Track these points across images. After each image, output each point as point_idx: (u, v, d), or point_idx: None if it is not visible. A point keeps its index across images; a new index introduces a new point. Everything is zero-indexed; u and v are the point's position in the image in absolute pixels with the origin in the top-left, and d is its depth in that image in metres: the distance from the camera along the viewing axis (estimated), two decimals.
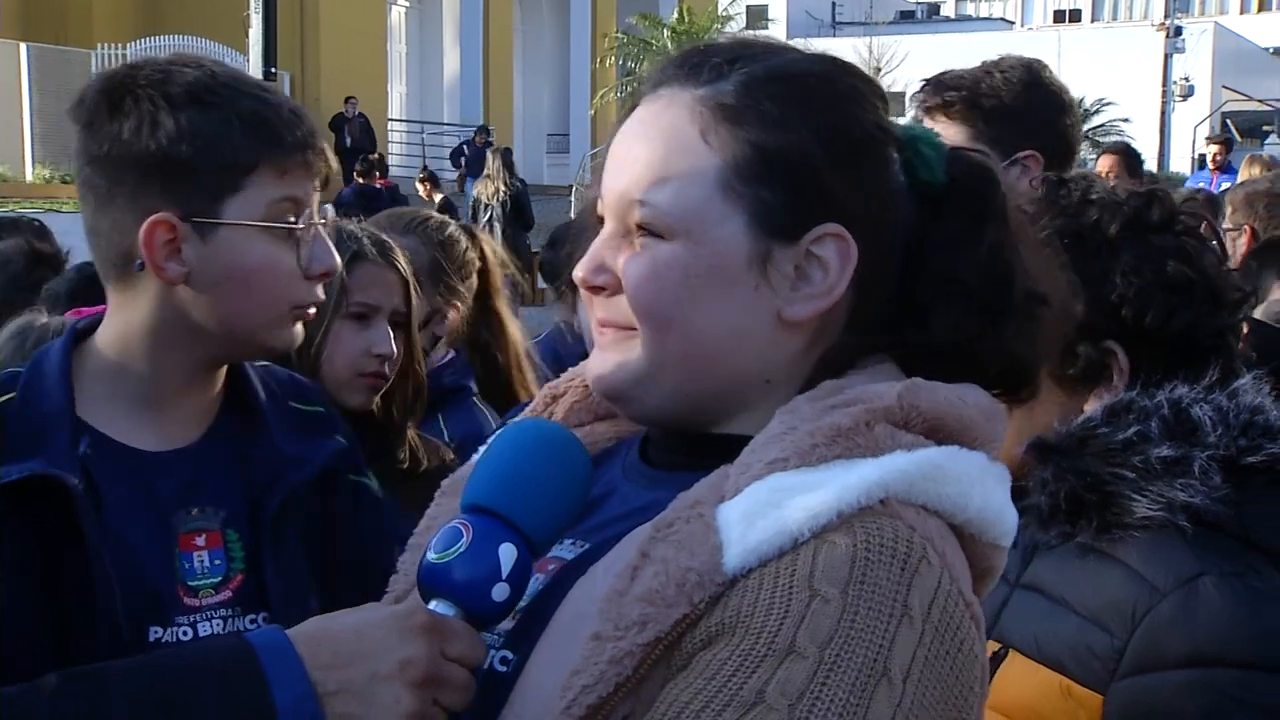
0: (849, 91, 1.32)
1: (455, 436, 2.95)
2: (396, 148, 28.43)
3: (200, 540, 1.75)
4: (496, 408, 3.16)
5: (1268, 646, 1.62)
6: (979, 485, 1.24)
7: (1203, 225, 1.86)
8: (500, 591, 1.21)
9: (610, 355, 1.32)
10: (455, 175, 24.56)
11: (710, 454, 1.27)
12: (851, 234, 1.28)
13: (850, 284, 1.28)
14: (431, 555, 1.22)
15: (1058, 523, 1.73)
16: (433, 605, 1.22)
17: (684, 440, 1.34)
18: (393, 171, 26.40)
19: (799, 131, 1.27)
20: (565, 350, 3.85)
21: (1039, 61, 3.02)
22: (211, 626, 1.72)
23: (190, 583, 1.73)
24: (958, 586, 1.18)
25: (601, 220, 1.34)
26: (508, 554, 1.21)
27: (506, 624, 1.28)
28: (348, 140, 23.79)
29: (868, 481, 1.17)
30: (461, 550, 1.21)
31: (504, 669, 1.25)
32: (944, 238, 1.31)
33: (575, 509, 1.29)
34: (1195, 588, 1.63)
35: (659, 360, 1.28)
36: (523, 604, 1.27)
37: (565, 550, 1.31)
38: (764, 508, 1.16)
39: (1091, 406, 1.79)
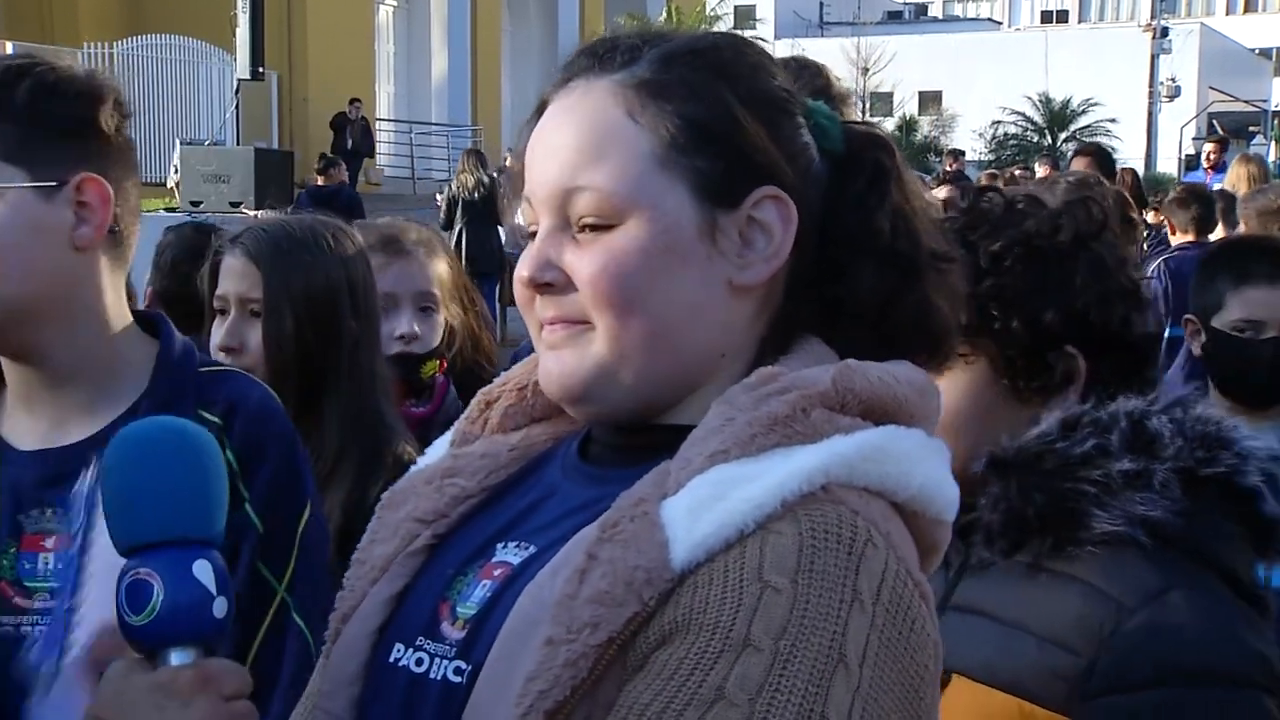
0: (758, 60, 1.34)
1: None
2: (385, 148, 28.38)
3: (48, 542, 1.70)
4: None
5: (1239, 662, 1.62)
6: (920, 463, 1.24)
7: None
8: (220, 607, 1.20)
9: (565, 355, 1.30)
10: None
11: (651, 448, 1.27)
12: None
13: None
14: (134, 619, 1.20)
15: (1006, 540, 1.70)
16: (173, 658, 1.21)
17: (625, 435, 1.33)
18: (381, 172, 26.38)
19: (723, 98, 1.29)
20: None
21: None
22: (37, 631, 1.67)
23: (26, 583, 1.69)
24: (905, 567, 1.18)
25: (530, 224, 1.33)
26: (204, 570, 1.20)
27: (457, 634, 1.27)
28: (349, 142, 23.66)
29: (808, 468, 1.16)
30: (162, 598, 1.19)
31: (458, 679, 1.23)
32: (853, 199, 1.33)
33: (221, 486, 1.27)
34: (1164, 602, 1.62)
35: (621, 349, 1.27)
36: (473, 612, 1.26)
37: (510, 554, 1.30)
38: (708, 501, 1.16)
39: (1048, 416, 1.77)
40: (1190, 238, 7.22)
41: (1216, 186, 11.17)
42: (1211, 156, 14.41)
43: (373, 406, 2.59)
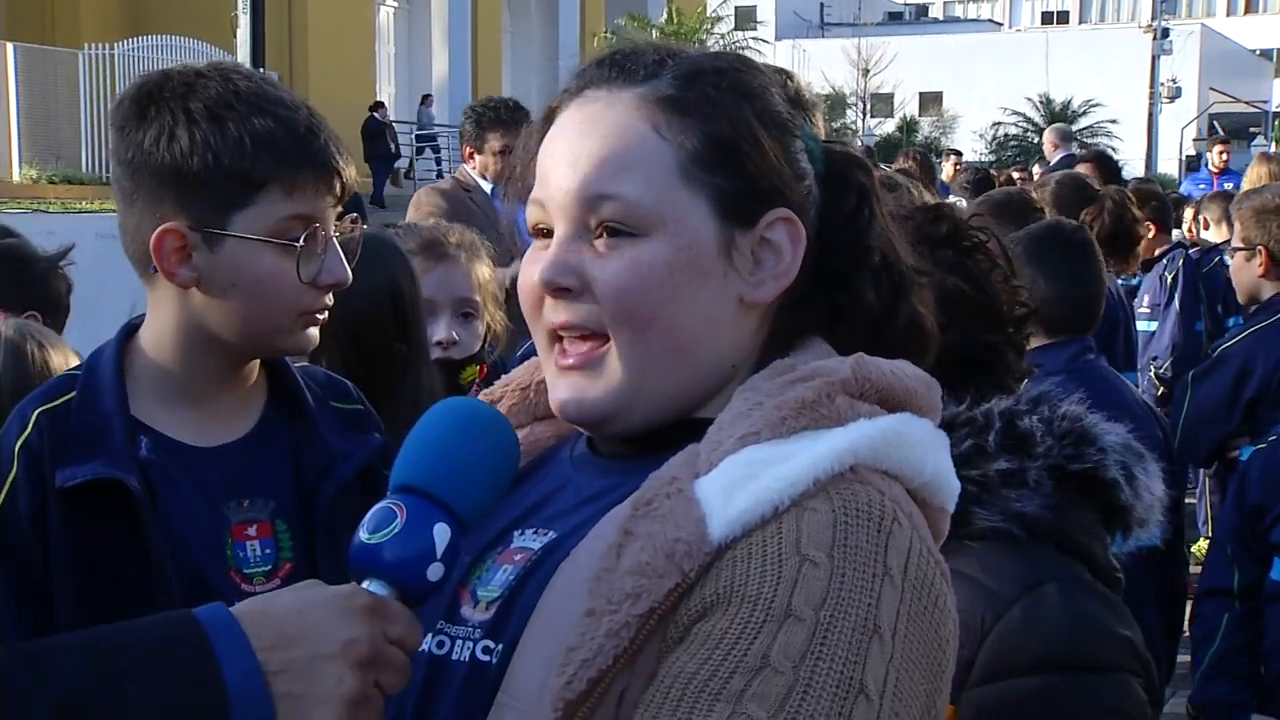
0: (765, 81, 1.37)
1: None
2: None
3: (251, 530, 1.84)
4: None
5: (1108, 649, 1.71)
6: (931, 450, 1.29)
7: (990, 241, 1.91)
8: (435, 571, 1.21)
9: (580, 380, 1.32)
10: None
11: (661, 441, 1.30)
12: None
13: None
14: (365, 536, 1.22)
15: None
16: (367, 585, 1.22)
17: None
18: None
19: (746, 118, 1.32)
20: None
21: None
22: None
23: (246, 570, 1.82)
24: (926, 545, 1.23)
25: (539, 229, 1.35)
26: (441, 534, 1.21)
27: (483, 615, 1.29)
28: (391, 146, 23.65)
29: (838, 449, 1.21)
30: (396, 531, 1.21)
31: (487, 659, 1.27)
32: (845, 219, 1.37)
33: (503, 487, 1.30)
34: (1040, 595, 1.71)
35: (640, 365, 1.30)
36: (497, 594, 1.29)
37: (529, 540, 1.33)
38: (742, 479, 1.19)
39: None
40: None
41: (1228, 187, 11.03)
42: (1224, 156, 13.55)
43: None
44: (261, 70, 17.98)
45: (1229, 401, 4.50)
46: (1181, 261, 7.02)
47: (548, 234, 1.33)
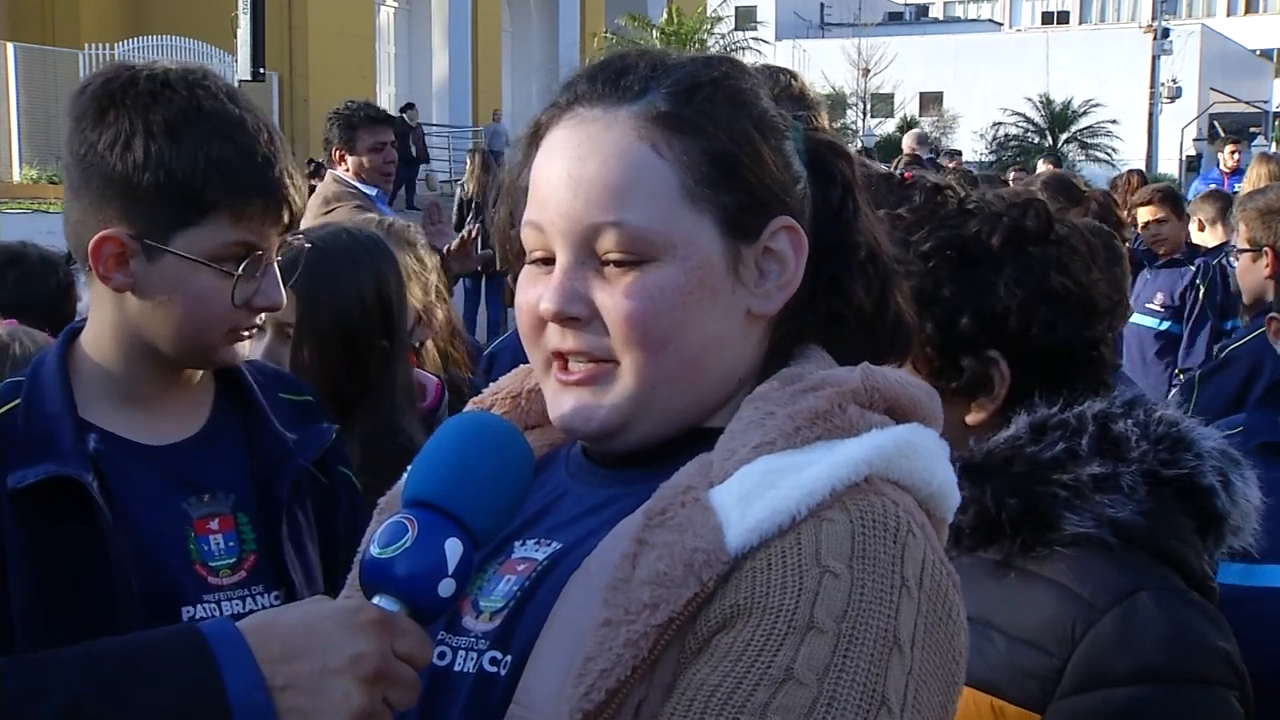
0: (754, 84, 1.36)
1: None
2: None
3: (214, 524, 1.85)
4: None
5: (1205, 661, 1.66)
6: (937, 460, 1.29)
7: (1070, 232, 1.87)
8: (446, 587, 1.20)
9: (585, 394, 1.31)
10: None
11: (660, 451, 1.30)
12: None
13: None
14: (375, 550, 1.21)
15: (973, 539, 1.72)
16: (377, 601, 1.21)
17: None
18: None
19: (744, 131, 1.31)
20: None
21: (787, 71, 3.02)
22: (232, 606, 1.81)
23: (211, 563, 1.82)
24: (939, 555, 1.23)
25: (530, 253, 1.33)
26: (453, 549, 1.20)
27: (487, 625, 1.28)
28: (413, 149, 23.65)
29: (854, 459, 1.21)
30: (407, 545, 1.19)
31: (494, 669, 1.26)
32: (832, 212, 1.37)
33: (517, 503, 1.28)
34: (1134, 604, 1.65)
35: (649, 385, 1.29)
36: (501, 605, 1.28)
37: (532, 550, 1.32)
38: (759, 488, 1.19)
39: (973, 417, 1.81)
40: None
41: (1238, 188, 10.96)
42: (1236, 156, 13.27)
43: (395, 420, 2.65)
44: (261, 70, 18.01)
45: (1235, 403, 4.47)
46: (1217, 267, 6.94)
47: (548, 260, 1.31)
